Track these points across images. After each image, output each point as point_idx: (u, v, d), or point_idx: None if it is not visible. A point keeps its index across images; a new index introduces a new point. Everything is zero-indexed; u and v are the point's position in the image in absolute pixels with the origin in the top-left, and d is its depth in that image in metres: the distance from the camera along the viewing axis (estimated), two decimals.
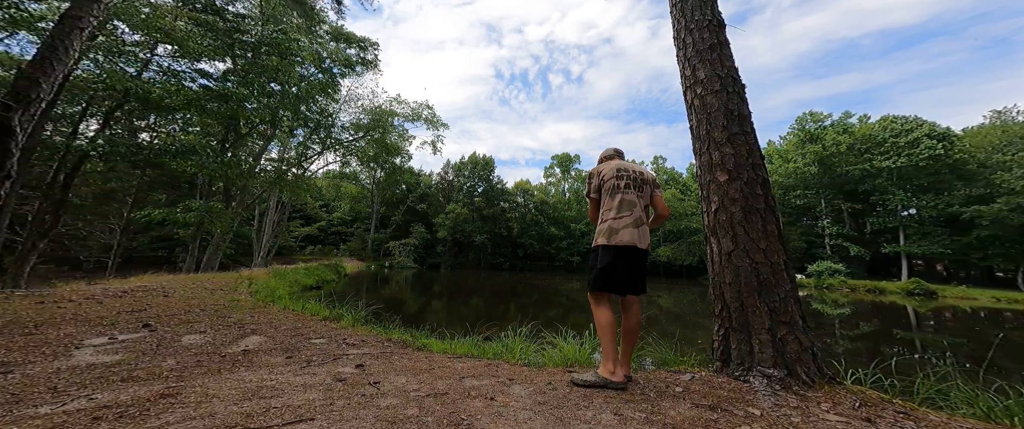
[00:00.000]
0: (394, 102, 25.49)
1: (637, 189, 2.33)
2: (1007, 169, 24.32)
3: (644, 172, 2.42)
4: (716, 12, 3.13)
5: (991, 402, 2.17)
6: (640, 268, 2.26)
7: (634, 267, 2.22)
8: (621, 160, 2.54)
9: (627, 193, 2.30)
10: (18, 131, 4.37)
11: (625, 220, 2.23)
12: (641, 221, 2.26)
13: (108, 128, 11.28)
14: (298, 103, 15.44)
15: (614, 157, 2.63)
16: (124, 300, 5.05)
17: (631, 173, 2.36)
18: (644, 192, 2.35)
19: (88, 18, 5.00)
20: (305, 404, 1.80)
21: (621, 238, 2.20)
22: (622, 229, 2.22)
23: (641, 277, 2.27)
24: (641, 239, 2.21)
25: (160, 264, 19.53)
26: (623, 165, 2.40)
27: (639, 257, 2.24)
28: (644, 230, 2.26)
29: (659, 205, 2.41)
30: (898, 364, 2.77)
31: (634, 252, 2.21)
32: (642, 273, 2.27)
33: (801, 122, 36.27)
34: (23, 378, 2.09)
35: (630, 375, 2.23)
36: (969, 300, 20.01)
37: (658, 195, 2.40)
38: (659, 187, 2.42)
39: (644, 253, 2.26)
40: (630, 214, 2.25)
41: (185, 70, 11.80)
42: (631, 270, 2.22)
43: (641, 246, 2.22)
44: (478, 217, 39.27)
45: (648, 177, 2.40)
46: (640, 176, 2.38)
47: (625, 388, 2.11)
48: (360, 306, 5.43)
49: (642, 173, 2.40)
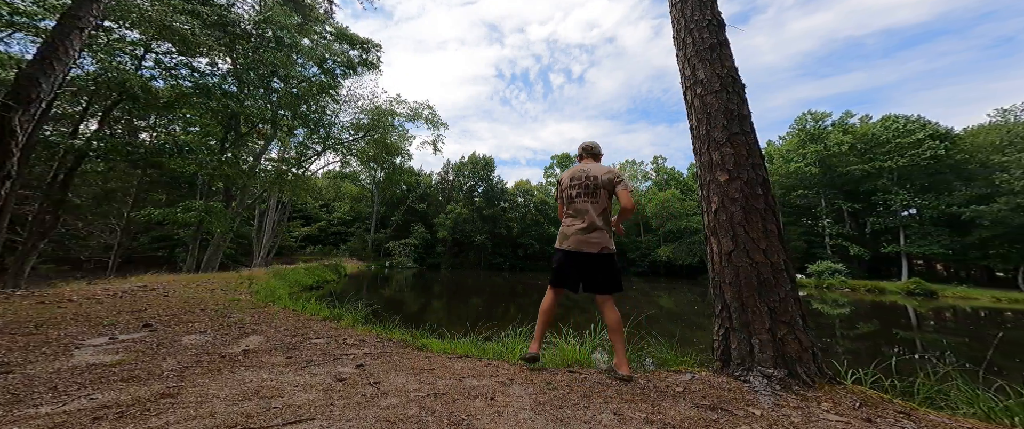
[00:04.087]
0: (394, 102, 25.47)
1: (590, 195, 2.41)
2: (1007, 169, 24.31)
3: (598, 176, 2.44)
4: (716, 12, 3.13)
5: (991, 402, 2.17)
6: (595, 270, 2.35)
7: (585, 269, 2.36)
8: (586, 162, 2.63)
9: (578, 201, 2.43)
10: (18, 131, 4.37)
11: (575, 226, 2.39)
12: (594, 226, 2.35)
13: (107, 127, 11.28)
14: (298, 103, 15.44)
15: (580, 157, 2.73)
16: (124, 300, 5.05)
17: (583, 180, 2.45)
18: (599, 196, 2.41)
19: (88, 18, 5.01)
20: (305, 404, 1.80)
21: (568, 243, 2.39)
22: (571, 235, 2.39)
23: (601, 277, 2.34)
24: (589, 245, 2.33)
25: (160, 264, 19.52)
26: (576, 172, 2.51)
27: (589, 260, 2.34)
28: (597, 235, 2.34)
29: (623, 200, 2.42)
30: (898, 364, 2.77)
31: (581, 256, 2.34)
32: (601, 274, 2.34)
33: (801, 122, 36.23)
34: (23, 378, 2.09)
35: (630, 375, 2.25)
36: (969, 300, 20.00)
37: (621, 190, 2.40)
38: (621, 181, 2.42)
39: (594, 257, 2.33)
40: (581, 221, 2.38)
41: (178, 66, 11.73)
42: (582, 271, 2.36)
43: (588, 251, 2.33)
44: (478, 217, 39.25)
45: (602, 180, 2.42)
46: (594, 181, 2.43)
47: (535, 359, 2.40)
48: (360, 306, 5.43)
49: (596, 177, 2.44)
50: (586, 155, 2.72)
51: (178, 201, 14.74)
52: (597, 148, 2.72)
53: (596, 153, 2.72)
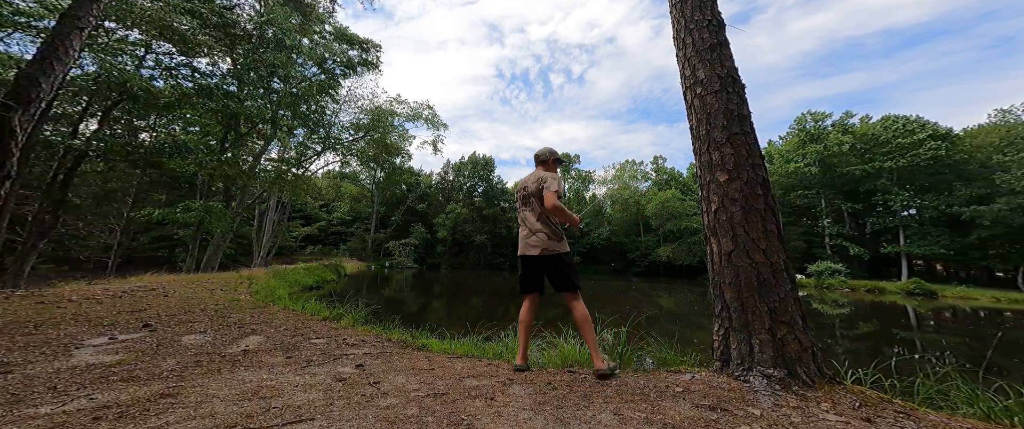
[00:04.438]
0: (394, 102, 25.49)
1: (525, 203, 2.62)
2: (1007, 169, 24.31)
3: (528, 185, 2.62)
4: (716, 12, 3.13)
5: (991, 402, 2.17)
6: (543, 271, 2.52)
7: (534, 271, 2.53)
8: (537, 170, 2.74)
9: (521, 210, 2.66)
10: (18, 131, 4.37)
11: (520, 233, 2.63)
12: (535, 230, 2.54)
13: (107, 127, 11.27)
14: (298, 103, 15.44)
15: (534, 165, 2.86)
16: (124, 300, 5.05)
17: (520, 190, 2.67)
18: (532, 203, 2.58)
19: (87, 18, 5.01)
20: (305, 404, 1.80)
21: (519, 250, 2.62)
22: (520, 241, 2.63)
23: (553, 277, 2.51)
24: (530, 248, 2.52)
25: (160, 264, 19.51)
26: (522, 182, 2.70)
27: (535, 263, 2.51)
28: (535, 239, 2.52)
29: (545, 201, 2.52)
30: (898, 364, 2.77)
31: (527, 259, 2.54)
32: (551, 273, 2.51)
33: (800, 122, 36.23)
34: (23, 378, 2.09)
35: (603, 369, 2.34)
36: (969, 300, 20.01)
37: (545, 193, 2.51)
38: (546, 185, 2.53)
39: (537, 259, 2.50)
40: (523, 228, 2.61)
41: (179, 66, 11.73)
42: (531, 274, 2.53)
43: (530, 254, 2.52)
44: (478, 217, 39.25)
45: (532, 189, 2.59)
46: (525, 190, 2.63)
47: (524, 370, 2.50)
48: (360, 306, 5.43)
49: (526, 187, 2.63)
50: (536, 162, 2.84)
51: (178, 201, 14.73)
52: (543, 154, 2.80)
53: (542, 160, 2.80)
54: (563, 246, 2.54)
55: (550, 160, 2.79)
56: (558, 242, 2.52)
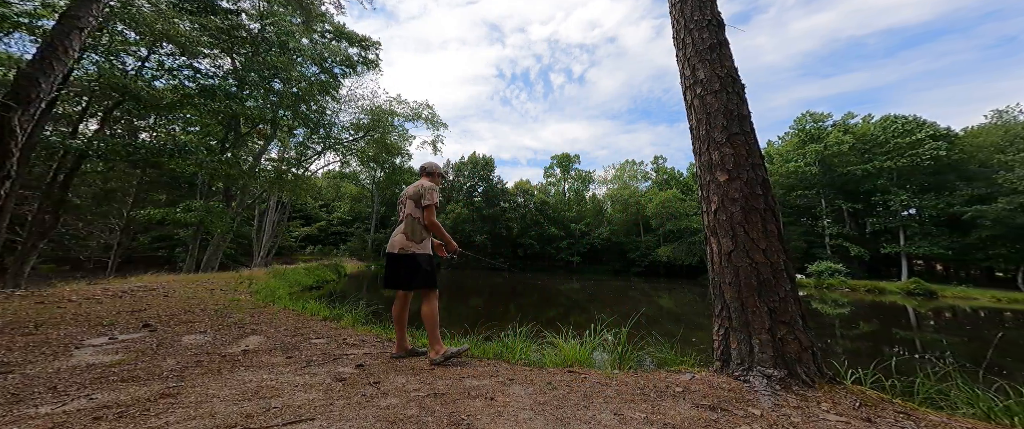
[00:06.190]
0: (394, 102, 25.45)
1: (402, 205, 2.90)
2: (1009, 169, 24.28)
3: (409, 191, 2.88)
4: (716, 12, 3.13)
5: (991, 402, 2.17)
6: (399, 267, 2.73)
7: (393, 267, 2.77)
8: (422, 180, 2.94)
9: (399, 212, 2.95)
10: (18, 131, 4.37)
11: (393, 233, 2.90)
12: (399, 230, 2.80)
13: (107, 128, 11.27)
14: (298, 103, 15.43)
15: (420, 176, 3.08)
16: (124, 300, 5.05)
17: (402, 197, 2.92)
18: (407, 205, 2.83)
19: (87, 18, 5.00)
20: (305, 404, 1.80)
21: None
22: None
23: (402, 274, 2.72)
24: (392, 246, 2.77)
25: (160, 264, 19.53)
26: (405, 190, 2.94)
27: (393, 260, 2.75)
28: (399, 239, 2.75)
29: (424, 218, 2.80)
30: (898, 364, 2.77)
31: (388, 256, 2.79)
32: (402, 271, 2.72)
33: (800, 122, 36.25)
34: (23, 378, 2.09)
35: (432, 357, 2.64)
36: (969, 300, 20.01)
37: (425, 210, 2.79)
38: (424, 199, 2.77)
39: (395, 256, 2.73)
40: (396, 229, 2.87)
41: (180, 67, 11.73)
42: (391, 270, 2.78)
43: (389, 251, 2.77)
44: (478, 217, 39.25)
45: (409, 193, 2.85)
46: (403, 196, 2.90)
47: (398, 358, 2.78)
48: (360, 306, 5.43)
49: (407, 191, 2.89)
50: (422, 173, 3.09)
51: (178, 201, 14.73)
52: (428, 167, 3.07)
53: (428, 172, 3.05)
54: (422, 247, 2.75)
55: (436, 173, 3.08)
56: (417, 243, 2.75)
